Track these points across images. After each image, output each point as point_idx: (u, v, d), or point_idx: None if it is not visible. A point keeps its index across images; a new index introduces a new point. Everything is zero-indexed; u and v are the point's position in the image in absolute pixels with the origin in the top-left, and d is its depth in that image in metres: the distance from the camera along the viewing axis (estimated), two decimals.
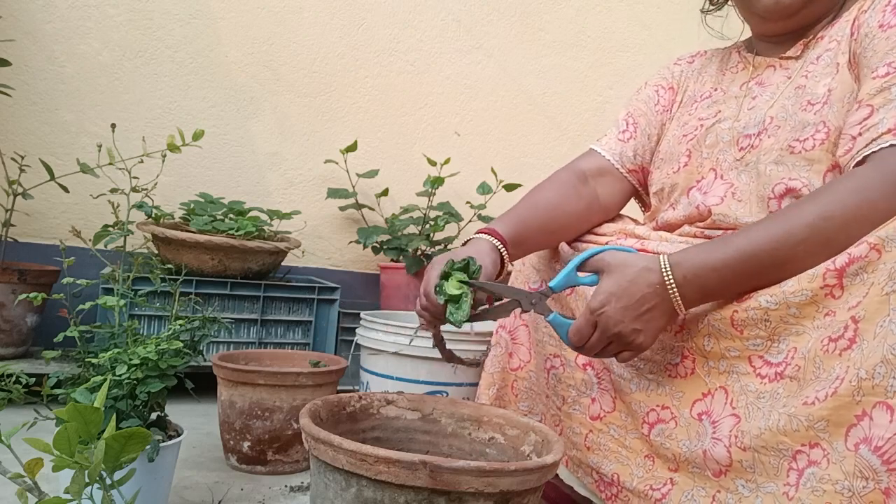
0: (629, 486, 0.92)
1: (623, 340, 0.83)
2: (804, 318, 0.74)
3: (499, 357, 1.19)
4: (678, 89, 1.15)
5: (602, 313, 0.82)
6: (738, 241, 0.80)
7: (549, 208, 1.08)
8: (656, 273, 0.81)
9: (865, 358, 0.63)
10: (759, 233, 0.79)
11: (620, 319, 0.82)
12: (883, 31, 0.84)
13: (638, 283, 0.82)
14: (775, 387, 0.75)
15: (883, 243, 0.66)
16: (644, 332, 0.83)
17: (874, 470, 0.60)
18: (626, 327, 0.82)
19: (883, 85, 0.80)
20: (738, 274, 0.79)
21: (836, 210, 0.75)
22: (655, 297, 0.81)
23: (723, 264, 0.79)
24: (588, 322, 0.84)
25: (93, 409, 0.70)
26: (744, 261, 0.78)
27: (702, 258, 0.80)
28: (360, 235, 2.18)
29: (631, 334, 0.82)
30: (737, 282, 0.79)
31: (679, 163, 1.06)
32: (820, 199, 0.77)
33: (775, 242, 0.77)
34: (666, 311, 0.82)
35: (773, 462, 0.72)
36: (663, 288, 0.81)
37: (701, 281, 0.80)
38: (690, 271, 0.80)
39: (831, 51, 0.92)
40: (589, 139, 1.34)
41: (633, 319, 0.82)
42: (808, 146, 0.88)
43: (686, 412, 0.85)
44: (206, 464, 1.32)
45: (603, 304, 0.82)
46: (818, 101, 0.89)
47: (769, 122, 0.94)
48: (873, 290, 0.65)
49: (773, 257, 0.77)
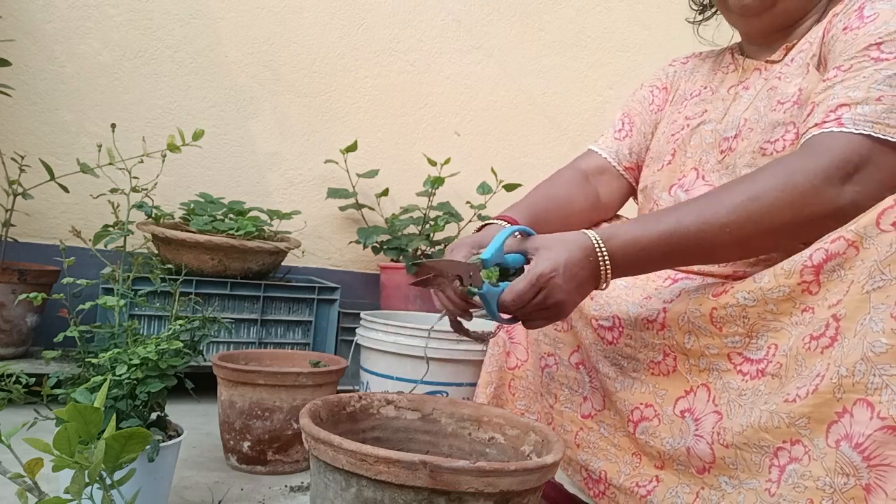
0: (616, 483, 0.93)
1: (558, 308, 0.82)
2: (781, 315, 0.74)
3: (496, 356, 1.19)
4: (671, 89, 1.17)
5: (552, 278, 0.80)
6: (667, 219, 0.81)
7: (562, 203, 1.09)
8: (589, 246, 0.81)
9: (846, 355, 0.63)
10: (687, 214, 0.80)
11: (566, 288, 0.80)
12: (845, 33, 0.86)
13: (577, 254, 0.81)
14: (757, 384, 0.75)
15: (860, 240, 0.67)
16: (570, 303, 0.82)
17: (855, 466, 0.60)
18: (567, 295, 0.81)
19: (827, 85, 0.83)
20: (664, 253, 0.81)
21: (761, 192, 0.77)
22: (590, 268, 0.81)
23: (649, 243, 0.81)
24: (532, 286, 0.81)
25: (93, 409, 0.70)
26: (670, 240, 0.80)
27: (632, 234, 0.82)
28: (360, 235, 2.18)
29: (567, 302, 0.82)
30: (663, 260, 0.82)
31: (663, 161, 1.08)
32: (746, 182, 0.79)
33: (702, 223, 0.78)
34: (592, 283, 0.83)
35: (755, 459, 0.73)
36: (596, 261, 0.82)
37: (629, 258, 0.82)
38: (620, 248, 0.82)
39: (804, 52, 0.94)
40: (589, 139, 1.34)
41: (573, 290, 0.81)
42: (779, 147, 0.89)
43: (669, 410, 0.86)
44: (206, 464, 1.32)
45: (553, 269, 0.80)
46: (787, 100, 0.91)
47: (743, 124, 0.96)
48: (854, 288, 0.65)
49: (698, 237, 0.79)
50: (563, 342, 1.06)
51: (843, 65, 0.82)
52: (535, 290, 0.82)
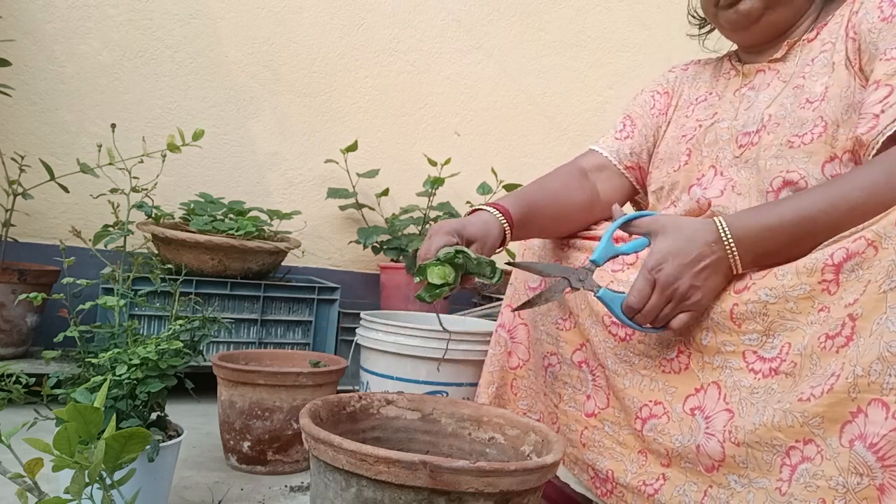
0: (623, 481, 0.93)
1: (681, 297, 0.83)
2: (799, 314, 0.74)
3: (498, 356, 1.19)
4: (673, 94, 1.19)
5: (660, 270, 0.83)
6: (794, 203, 0.80)
7: (556, 195, 1.09)
8: (713, 231, 0.82)
9: (862, 355, 0.63)
10: (814, 196, 0.79)
11: (678, 276, 0.82)
12: (888, 22, 0.86)
13: (695, 241, 0.82)
14: (769, 382, 0.75)
15: (880, 239, 0.67)
16: (702, 290, 0.83)
17: (869, 466, 0.60)
18: (684, 283, 0.82)
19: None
20: (792, 235, 0.79)
21: (890, 177, 0.75)
22: (712, 254, 0.82)
23: (778, 224, 0.80)
24: (647, 282, 0.84)
25: (93, 409, 0.70)
26: (798, 222, 0.79)
27: (757, 219, 0.82)
28: (360, 235, 2.18)
29: (689, 290, 0.82)
30: (790, 242, 0.79)
31: (679, 161, 1.08)
32: (873, 167, 0.78)
33: (830, 206, 0.77)
34: (722, 270, 0.83)
35: (766, 458, 0.72)
36: (720, 246, 0.82)
37: (755, 239, 0.81)
38: (745, 230, 0.81)
39: (826, 52, 0.95)
40: (589, 139, 1.34)
41: (692, 276, 0.82)
42: (807, 140, 0.90)
43: (679, 407, 0.86)
44: (206, 464, 1.32)
45: (660, 262, 0.83)
46: (816, 98, 0.92)
47: (768, 119, 0.96)
48: (871, 287, 0.65)
49: (827, 220, 0.77)
50: (566, 341, 1.06)
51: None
52: (651, 283, 0.84)
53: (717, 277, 0.83)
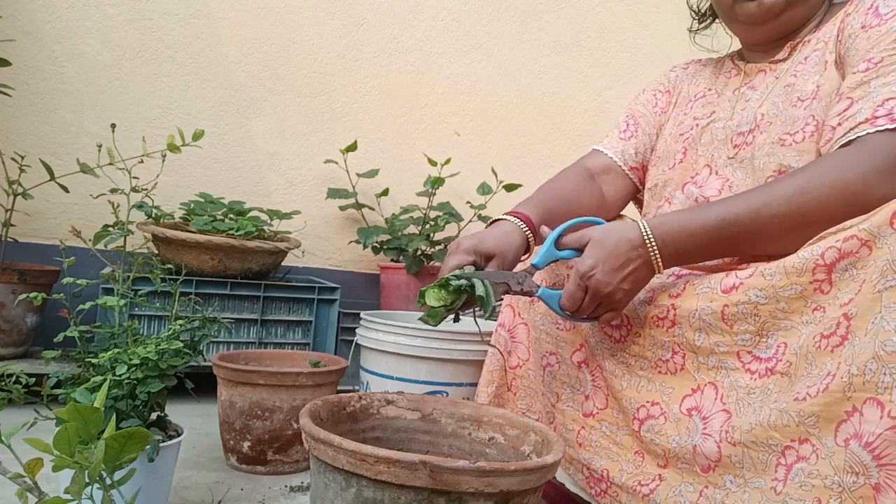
0: (618, 481, 0.93)
1: (611, 300, 0.89)
2: (793, 313, 0.74)
3: (497, 355, 1.19)
4: (673, 92, 1.20)
5: (591, 276, 0.87)
6: (717, 209, 0.84)
7: (570, 199, 1.11)
8: (637, 236, 0.87)
9: (857, 354, 0.63)
10: (737, 203, 0.83)
11: (608, 281, 0.87)
12: (864, 31, 0.88)
13: (621, 247, 0.87)
14: (766, 382, 0.75)
15: (873, 239, 0.67)
16: (627, 290, 0.88)
17: (864, 465, 0.60)
18: (615, 288, 0.87)
19: (862, 79, 0.83)
20: (713, 239, 0.84)
21: (813, 186, 0.78)
22: (638, 258, 0.87)
23: (699, 229, 0.84)
24: (579, 287, 0.89)
25: (93, 409, 0.70)
26: (720, 228, 0.83)
27: (680, 223, 0.86)
28: (360, 235, 2.18)
29: (617, 293, 0.88)
30: (711, 247, 0.85)
31: (675, 159, 1.09)
32: (799, 175, 0.80)
33: (752, 213, 0.81)
34: (645, 269, 0.88)
35: (762, 457, 0.73)
36: (644, 248, 0.86)
37: (678, 243, 0.85)
38: (668, 234, 0.86)
39: (819, 51, 0.95)
40: (589, 139, 1.34)
41: (620, 280, 0.87)
42: (798, 139, 0.91)
43: (675, 408, 0.86)
44: (206, 464, 1.32)
45: (592, 267, 0.87)
46: (807, 97, 0.92)
47: (760, 118, 0.97)
48: (865, 287, 0.65)
49: (748, 227, 0.81)
50: (566, 341, 1.06)
51: (875, 57, 0.83)
52: (583, 288, 0.89)
53: (643, 277, 0.89)
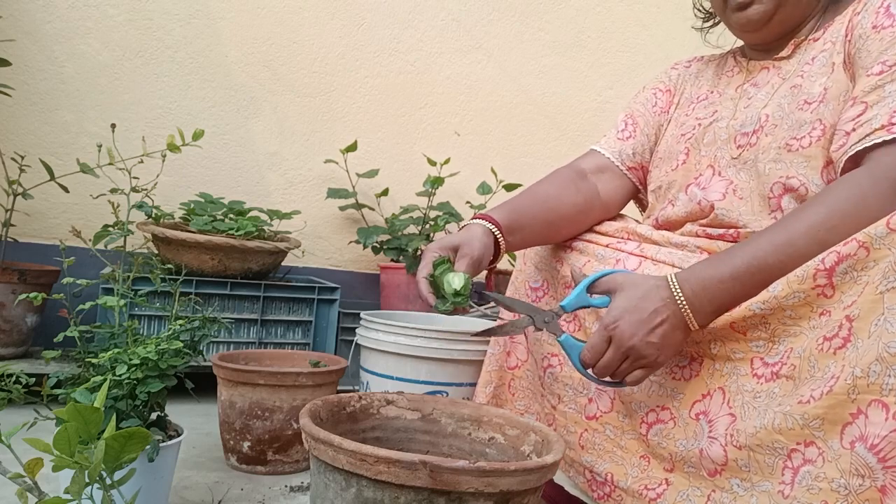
0: (623, 485, 0.92)
1: (637, 355, 0.83)
2: (800, 319, 0.74)
3: (496, 356, 1.19)
4: (675, 92, 1.18)
5: (616, 327, 0.83)
6: (743, 254, 0.80)
7: (546, 198, 1.09)
8: (665, 289, 0.83)
9: (860, 356, 0.63)
10: (762, 245, 0.79)
11: (634, 333, 0.82)
12: (876, 31, 0.86)
13: (650, 298, 0.83)
14: (771, 386, 0.75)
15: (872, 241, 0.67)
16: (658, 347, 0.83)
17: (870, 468, 0.60)
18: (640, 340, 0.82)
19: (877, 83, 0.82)
20: (745, 285, 0.79)
21: (835, 219, 0.76)
22: (666, 310, 0.82)
23: (730, 276, 0.80)
24: (602, 338, 0.85)
25: (93, 409, 0.70)
26: (751, 273, 0.79)
27: (709, 273, 0.81)
28: (360, 235, 2.18)
29: (645, 348, 0.82)
30: (745, 293, 0.80)
31: (677, 160, 1.07)
32: (818, 208, 0.78)
33: (780, 254, 0.77)
34: (678, 326, 0.83)
35: (769, 461, 0.72)
36: (673, 302, 0.82)
37: (709, 294, 0.81)
38: (698, 285, 0.81)
39: (826, 51, 0.94)
40: (589, 139, 1.34)
41: (647, 333, 0.82)
42: (805, 143, 0.89)
43: (685, 412, 0.86)
44: (206, 464, 1.32)
45: (616, 318, 0.83)
46: (814, 99, 0.91)
47: (765, 119, 0.96)
48: (868, 289, 0.65)
49: (779, 268, 0.77)
50: None
51: (889, 60, 0.82)
52: (606, 339, 0.84)
53: (674, 335, 0.83)
